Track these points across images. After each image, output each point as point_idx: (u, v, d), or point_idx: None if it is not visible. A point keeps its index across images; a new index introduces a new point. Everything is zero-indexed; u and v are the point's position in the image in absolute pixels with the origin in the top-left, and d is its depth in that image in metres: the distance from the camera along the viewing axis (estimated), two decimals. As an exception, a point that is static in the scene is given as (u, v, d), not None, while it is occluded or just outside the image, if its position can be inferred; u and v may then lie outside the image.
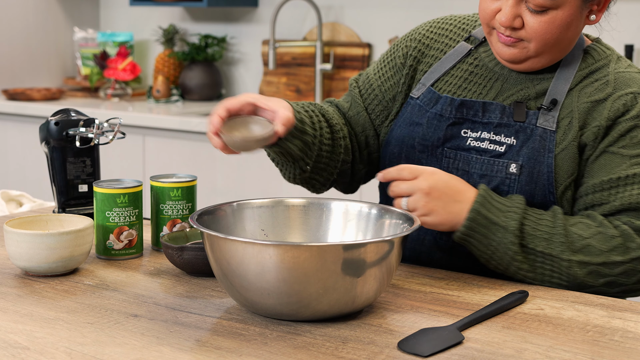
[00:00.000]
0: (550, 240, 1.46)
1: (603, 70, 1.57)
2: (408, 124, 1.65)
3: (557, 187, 1.52)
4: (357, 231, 1.45)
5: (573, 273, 1.46)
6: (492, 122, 1.57)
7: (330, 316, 1.29)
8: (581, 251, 1.46)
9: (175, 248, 1.49)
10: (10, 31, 4.25)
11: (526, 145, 1.54)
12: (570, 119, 1.53)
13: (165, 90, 4.07)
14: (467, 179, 1.57)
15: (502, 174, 1.55)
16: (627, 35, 3.27)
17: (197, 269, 1.49)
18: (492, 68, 1.63)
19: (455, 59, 1.66)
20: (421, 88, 1.66)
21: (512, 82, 1.60)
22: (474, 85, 1.63)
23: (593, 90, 1.55)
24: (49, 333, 1.25)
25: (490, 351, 1.20)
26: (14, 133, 4.03)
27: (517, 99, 1.58)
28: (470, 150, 1.58)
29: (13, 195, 2.10)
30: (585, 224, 1.48)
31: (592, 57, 1.59)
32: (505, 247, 1.46)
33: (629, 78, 1.55)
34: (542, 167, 1.52)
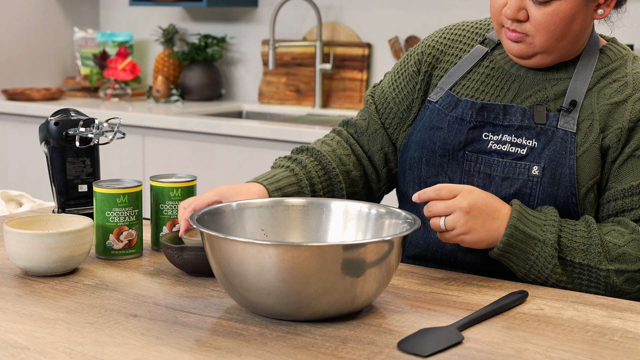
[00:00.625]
0: (587, 251, 1.47)
1: (620, 70, 1.57)
2: (428, 128, 1.64)
3: (579, 189, 1.53)
4: (357, 231, 1.45)
5: (611, 282, 1.47)
6: (513, 125, 1.57)
7: (330, 316, 1.29)
8: (617, 260, 1.47)
9: (175, 248, 1.49)
10: (10, 31, 4.25)
11: (547, 148, 1.54)
12: (591, 121, 1.54)
13: (165, 90, 4.07)
14: (489, 182, 1.57)
15: (524, 177, 1.55)
16: (627, 35, 3.27)
17: (197, 269, 1.49)
18: (509, 70, 1.63)
19: (471, 63, 1.66)
20: (439, 92, 1.66)
21: (530, 83, 1.60)
22: (491, 87, 1.63)
23: (612, 91, 1.55)
24: (49, 333, 1.25)
25: (490, 351, 1.20)
26: (14, 133, 4.03)
27: (535, 100, 1.58)
28: (491, 154, 1.58)
29: (13, 195, 2.10)
30: (618, 232, 1.49)
31: (608, 57, 1.59)
32: (545, 260, 1.47)
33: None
34: (564, 169, 1.53)
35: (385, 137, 1.72)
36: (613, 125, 1.53)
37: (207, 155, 3.50)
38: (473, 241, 1.47)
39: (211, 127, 3.46)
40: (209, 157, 3.50)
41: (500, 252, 1.48)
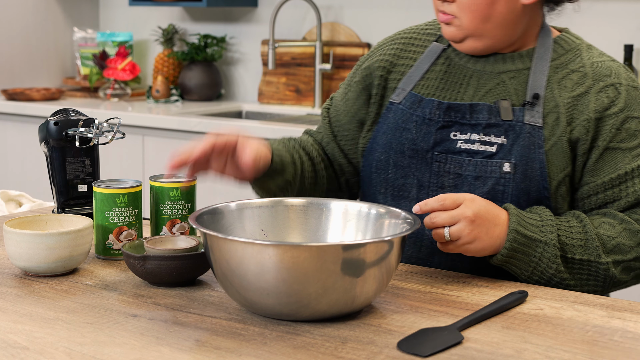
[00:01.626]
0: (585, 246, 1.48)
1: (577, 60, 1.60)
2: (394, 129, 1.64)
3: (550, 183, 1.54)
4: (357, 231, 1.45)
5: (610, 274, 1.50)
6: (480, 123, 1.58)
7: (330, 316, 1.29)
8: (613, 251, 1.49)
9: (137, 257, 1.45)
10: (10, 31, 4.25)
11: (517, 143, 1.55)
12: (557, 114, 1.55)
13: (165, 90, 4.07)
14: (460, 182, 1.57)
15: (496, 174, 1.55)
16: (627, 35, 3.27)
17: (160, 279, 1.45)
18: (465, 65, 1.65)
19: (429, 61, 1.68)
20: (401, 93, 1.66)
21: (487, 77, 1.62)
22: (451, 84, 1.64)
23: (573, 83, 1.57)
24: (49, 333, 1.25)
25: (490, 351, 1.20)
26: (14, 133, 4.03)
27: (496, 94, 1.59)
28: (461, 153, 1.58)
29: (12, 195, 2.10)
30: (609, 224, 1.51)
31: (562, 47, 1.62)
32: (549, 260, 1.47)
33: (605, 68, 1.58)
34: (534, 164, 1.54)
35: (338, 150, 1.74)
36: (579, 117, 1.54)
37: (206, 155, 3.50)
38: (477, 250, 1.46)
39: (211, 127, 3.46)
40: (209, 157, 3.49)
41: (504, 258, 1.47)
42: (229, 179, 1.54)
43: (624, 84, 1.56)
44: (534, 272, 1.49)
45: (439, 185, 1.59)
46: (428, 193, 1.59)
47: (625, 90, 1.56)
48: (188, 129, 3.52)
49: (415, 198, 1.60)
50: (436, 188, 1.59)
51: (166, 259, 1.43)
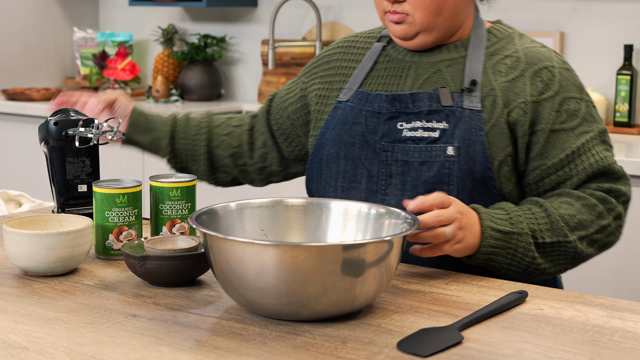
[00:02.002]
0: (552, 229, 1.54)
1: (509, 47, 1.67)
2: (343, 124, 1.70)
3: (493, 163, 1.60)
4: (357, 231, 1.45)
5: (578, 250, 1.56)
6: (423, 111, 1.64)
7: (330, 316, 1.29)
8: (577, 228, 1.56)
9: (137, 257, 1.45)
10: (10, 31, 4.25)
11: (458, 127, 1.61)
12: (493, 98, 1.62)
13: (165, 90, 4.07)
14: (407, 168, 1.62)
15: (441, 158, 1.60)
16: (627, 35, 3.27)
17: (160, 279, 1.45)
18: (403, 58, 1.72)
19: (372, 60, 1.75)
20: (349, 92, 1.73)
21: (424, 67, 1.69)
22: (392, 78, 1.71)
23: (507, 68, 1.64)
24: (49, 333, 1.25)
25: (490, 351, 1.20)
26: (14, 133, 4.03)
27: (434, 81, 1.66)
28: (406, 141, 1.63)
29: (12, 195, 2.10)
30: (567, 203, 1.57)
31: (495, 36, 1.69)
32: (524, 249, 1.52)
33: (536, 52, 1.65)
34: (476, 146, 1.60)
35: (270, 139, 1.88)
36: (516, 99, 1.61)
37: (206, 155, 3.50)
38: (463, 249, 1.50)
39: (211, 127, 3.45)
40: (209, 157, 3.49)
41: (484, 256, 1.51)
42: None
43: (557, 66, 1.63)
44: (512, 263, 1.53)
45: (387, 174, 1.64)
46: (377, 182, 1.65)
47: (558, 72, 1.63)
48: (188, 129, 3.51)
49: (365, 188, 1.66)
50: (385, 177, 1.64)
51: (166, 259, 1.43)
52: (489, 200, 1.61)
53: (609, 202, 1.59)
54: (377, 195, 1.65)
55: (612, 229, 1.60)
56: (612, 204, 1.59)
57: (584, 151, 1.60)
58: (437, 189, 1.60)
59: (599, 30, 3.30)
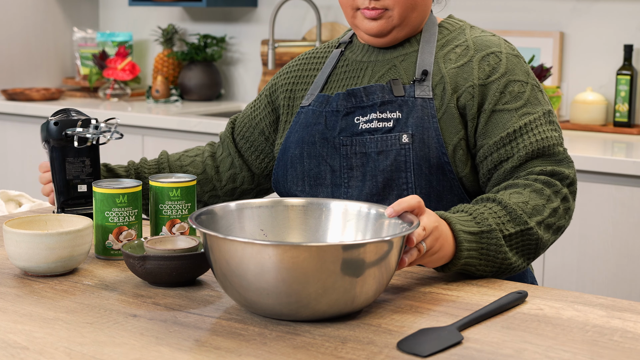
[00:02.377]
0: (512, 220, 1.54)
1: (460, 37, 1.72)
2: (305, 126, 1.74)
3: (447, 148, 1.64)
4: (357, 231, 1.45)
5: (539, 236, 1.55)
6: (376, 103, 1.68)
7: (330, 316, 1.29)
8: (532, 214, 1.55)
9: (137, 257, 1.45)
10: (10, 31, 4.25)
11: (411, 116, 1.65)
12: (443, 85, 1.67)
13: (165, 90, 4.07)
14: (366, 160, 1.66)
15: (396, 147, 1.64)
16: (627, 35, 3.27)
17: (160, 279, 1.45)
18: (360, 59, 1.77)
19: (330, 66, 1.81)
20: (310, 97, 1.78)
21: (380, 65, 1.74)
22: (349, 79, 1.76)
23: (457, 56, 1.69)
24: (48, 333, 1.25)
25: (490, 351, 1.20)
26: (13, 133, 4.03)
27: (389, 77, 1.71)
28: (363, 134, 1.68)
29: (12, 195, 2.10)
30: (516, 192, 1.57)
31: (446, 29, 1.75)
32: (496, 245, 1.51)
33: (485, 40, 1.70)
34: (430, 132, 1.64)
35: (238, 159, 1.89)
36: (464, 84, 1.66)
37: (206, 155, 3.50)
38: (439, 258, 1.46)
39: (211, 127, 3.46)
40: (209, 157, 3.49)
41: (461, 261, 1.47)
42: None
43: (504, 52, 1.68)
44: (487, 264, 1.51)
45: (348, 167, 1.68)
46: (340, 176, 1.68)
47: (505, 57, 1.67)
48: (188, 129, 3.52)
49: (330, 183, 1.70)
50: (347, 170, 1.68)
51: (166, 259, 1.43)
52: (447, 185, 1.63)
53: (554, 185, 1.60)
54: (341, 188, 1.68)
55: (562, 212, 1.60)
56: (557, 187, 1.60)
57: (526, 131, 1.62)
58: (395, 177, 1.63)
59: (599, 30, 3.30)
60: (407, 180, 1.64)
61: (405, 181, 1.64)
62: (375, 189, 1.65)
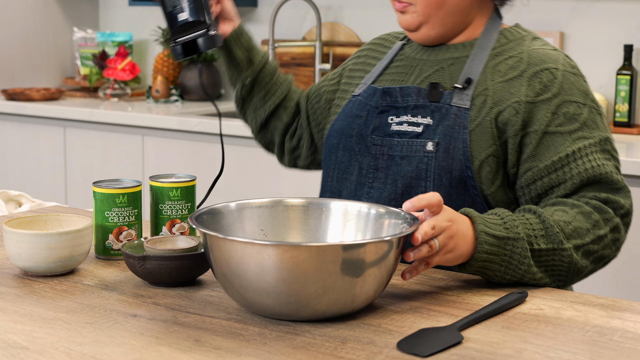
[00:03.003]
0: (547, 235, 1.46)
1: (517, 48, 1.65)
2: (348, 116, 1.73)
3: (473, 162, 1.58)
4: (357, 231, 1.45)
5: (574, 260, 1.48)
6: (409, 105, 1.65)
7: (330, 316, 1.29)
8: (572, 236, 1.48)
9: (137, 257, 1.45)
10: (10, 31, 4.24)
11: (442, 124, 1.61)
12: (484, 97, 1.60)
13: (165, 90, 4.07)
14: (391, 162, 1.64)
15: (420, 153, 1.60)
16: (627, 35, 3.27)
17: (160, 279, 1.45)
18: (414, 57, 1.74)
19: (389, 58, 1.78)
20: (362, 87, 1.76)
21: (429, 65, 1.70)
22: (399, 75, 1.74)
23: (507, 68, 1.62)
24: (48, 333, 1.25)
25: (490, 351, 1.20)
26: (14, 133, 4.03)
27: (433, 80, 1.67)
28: (393, 135, 1.65)
29: (12, 195, 2.10)
30: (561, 210, 1.51)
31: (505, 37, 1.68)
32: (520, 256, 1.44)
33: (542, 54, 1.62)
34: (457, 143, 1.58)
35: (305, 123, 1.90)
36: (509, 99, 1.58)
37: (206, 155, 3.50)
38: (455, 258, 1.42)
39: (211, 127, 3.46)
40: (209, 157, 3.49)
41: (479, 263, 1.43)
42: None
43: (561, 69, 1.59)
44: (507, 271, 1.44)
45: (374, 167, 1.66)
46: (367, 175, 1.67)
47: (561, 74, 1.58)
48: (188, 129, 3.52)
49: (355, 181, 1.68)
50: (373, 170, 1.66)
51: (166, 259, 1.44)
52: (468, 201, 1.57)
53: (606, 212, 1.52)
54: (364, 187, 1.67)
55: (609, 241, 1.52)
56: (609, 214, 1.52)
57: (580, 156, 1.54)
58: (414, 184, 1.60)
59: (599, 30, 3.30)
60: (426, 189, 1.59)
61: (424, 190, 1.59)
62: (394, 194, 1.62)
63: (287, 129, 1.93)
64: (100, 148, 3.79)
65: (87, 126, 3.81)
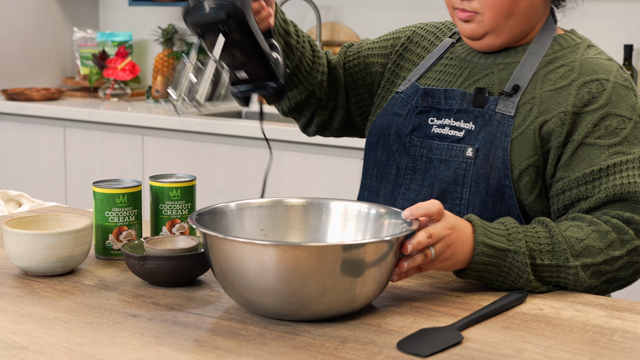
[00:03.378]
0: (553, 251, 1.43)
1: (570, 56, 1.58)
2: (389, 114, 1.69)
3: (512, 171, 1.53)
4: (357, 231, 1.45)
5: (580, 279, 1.44)
6: (452, 109, 1.61)
7: (330, 316, 1.29)
8: (582, 254, 1.44)
9: (137, 257, 1.45)
10: (10, 31, 4.24)
11: (484, 130, 1.56)
12: (531, 106, 1.55)
13: (165, 90, 4.06)
14: (429, 165, 1.61)
15: (459, 159, 1.57)
16: (627, 35, 3.27)
17: (160, 279, 1.45)
18: (464, 57, 1.68)
19: (437, 55, 1.72)
20: (407, 84, 1.71)
21: (479, 68, 1.64)
22: (446, 75, 1.68)
23: (558, 77, 1.56)
24: (48, 333, 1.25)
25: (490, 351, 1.20)
26: (13, 133, 4.03)
27: (481, 84, 1.61)
28: (433, 137, 1.61)
29: (12, 195, 2.10)
30: (577, 226, 1.46)
31: (559, 44, 1.61)
32: (519, 270, 1.41)
33: (596, 64, 1.56)
34: (497, 151, 1.54)
35: (342, 85, 1.80)
36: (556, 108, 1.53)
37: (206, 155, 3.50)
38: (452, 265, 1.40)
39: (210, 127, 3.46)
40: (209, 157, 3.49)
41: (474, 273, 1.42)
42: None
43: (612, 80, 1.53)
44: (506, 280, 1.43)
45: (412, 169, 1.63)
46: (404, 176, 1.64)
47: (611, 86, 1.53)
48: (188, 129, 3.52)
49: (393, 181, 1.65)
50: (411, 171, 1.63)
51: (166, 259, 1.43)
52: (504, 210, 1.54)
53: (625, 233, 1.46)
54: (401, 188, 1.64)
55: (624, 263, 1.46)
56: (628, 235, 1.46)
57: (613, 172, 1.49)
58: (451, 189, 1.57)
59: (599, 30, 3.30)
60: (462, 196, 1.56)
61: (460, 196, 1.56)
62: (429, 198, 1.58)
63: (319, 104, 1.81)
64: (100, 148, 3.79)
65: (87, 126, 3.81)
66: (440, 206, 1.36)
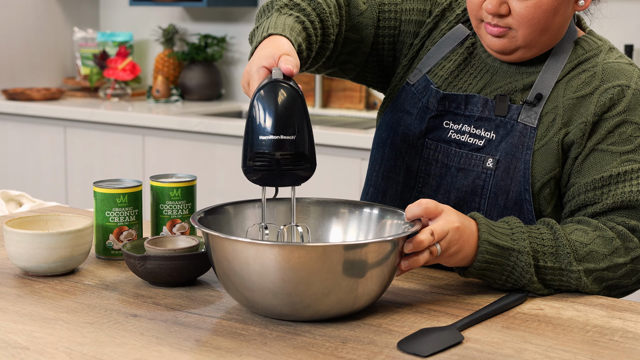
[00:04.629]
0: (556, 253, 1.42)
1: (592, 60, 1.54)
2: (399, 110, 1.64)
3: (533, 184, 1.50)
4: (359, 231, 1.45)
5: (582, 284, 1.43)
6: (473, 116, 1.56)
7: (332, 316, 1.29)
8: (585, 259, 1.43)
9: (137, 257, 1.45)
10: (10, 31, 4.25)
11: (505, 141, 1.53)
12: (554, 115, 1.51)
13: (165, 90, 4.07)
14: (445, 171, 1.57)
15: (478, 169, 1.54)
16: (627, 35, 3.27)
17: (160, 279, 1.45)
18: (485, 59, 1.61)
19: (452, 44, 1.64)
20: (417, 74, 1.64)
21: (501, 75, 1.58)
22: (465, 74, 1.61)
23: (580, 83, 1.52)
24: (49, 333, 1.25)
25: (490, 351, 1.20)
26: (14, 133, 4.03)
27: (503, 91, 1.56)
28: (450, 143, 1.57)
29: (13, 195, 2.10)
30: (582, 231, 1.45)
31: (582, 48, 1.56)
32: (522, 269, 1.40)
33: (617, 69, 1.52)
34: (518, 164, 1.51)
35: (370, 37, 1.66)
36: (578, 119, 1.50)
37: (207, 155, 3.50)
38: (458, 260, 1.40)
39: (211, 127, 3.46)
40: (209, 157, 3.49)
41: (477, 271, 1.41)
42: None
43: (633, 86, 1.50)
44: (508, 279, 1.42)
45: (426, 173, 1.59)
46: (416, 179, 1.60)
47: (631, 93, 1.49)
48: (188, 129, 3.52)
49: (403, 182, 1.61)
50: (423, 175, 1.59)
51: (166, 259, 1.44)
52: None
53: (630, 240, 1.45)
54: (413, 192, 1.60)
55: (627, 271, 1.45)
56: (633, 243, 1.45)
57: (623, 179, 1.47)
58: (468, 199, 1.54)
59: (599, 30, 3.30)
60: (480, 207, 1.53)
61: (477, 207, 1.53)
62: None
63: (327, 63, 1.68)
64: (100, 148, 3.79)
65: (88, 126, 3.81)
66: (437, 205, 1.35)
